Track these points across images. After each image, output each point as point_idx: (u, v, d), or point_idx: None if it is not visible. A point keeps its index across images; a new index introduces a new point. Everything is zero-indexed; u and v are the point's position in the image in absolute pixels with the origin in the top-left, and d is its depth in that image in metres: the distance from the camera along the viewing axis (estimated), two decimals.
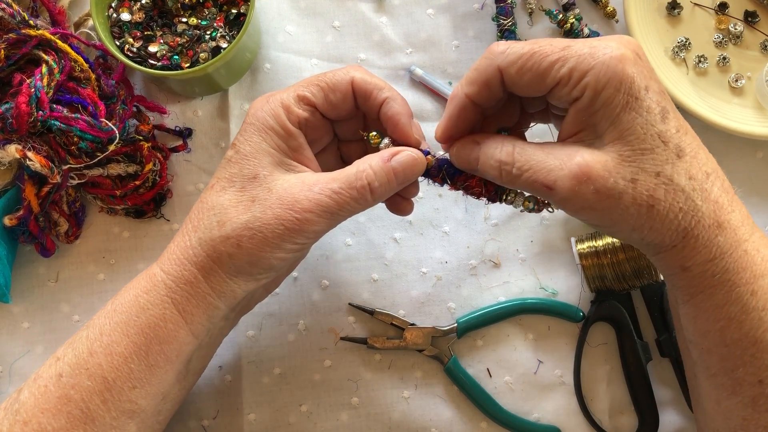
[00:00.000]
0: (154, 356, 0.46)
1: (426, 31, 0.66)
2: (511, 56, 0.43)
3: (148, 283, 0.47)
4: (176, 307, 0.46)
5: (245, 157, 0.47)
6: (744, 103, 0.62)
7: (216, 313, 0.48)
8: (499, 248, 0.63)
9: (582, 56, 0.41)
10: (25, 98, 0.55)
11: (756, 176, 0.64)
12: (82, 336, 0.47)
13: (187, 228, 0.48)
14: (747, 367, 0.43)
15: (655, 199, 0.41)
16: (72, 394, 0.45)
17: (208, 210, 0.47)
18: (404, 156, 0.47)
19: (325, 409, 0.61)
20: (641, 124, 0.41)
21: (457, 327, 0.60)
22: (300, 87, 0.49)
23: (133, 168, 0.60)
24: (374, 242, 0.63)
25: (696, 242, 0.42)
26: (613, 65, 0.41)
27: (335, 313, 0.62)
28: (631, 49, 0.42)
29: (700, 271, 0.43)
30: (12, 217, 0.58)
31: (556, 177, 0.42)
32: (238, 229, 0.45)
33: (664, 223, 0.42)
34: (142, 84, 0.65)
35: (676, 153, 0.41)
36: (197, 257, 0.46)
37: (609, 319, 0.61)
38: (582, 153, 0.42)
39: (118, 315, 0.47)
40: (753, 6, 0.64)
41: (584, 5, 0.66)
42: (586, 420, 0.60)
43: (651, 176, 0.41)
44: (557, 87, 0.42)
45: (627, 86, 0.41)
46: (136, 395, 0.46)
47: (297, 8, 0.66)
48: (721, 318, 0.43)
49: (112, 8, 0.60)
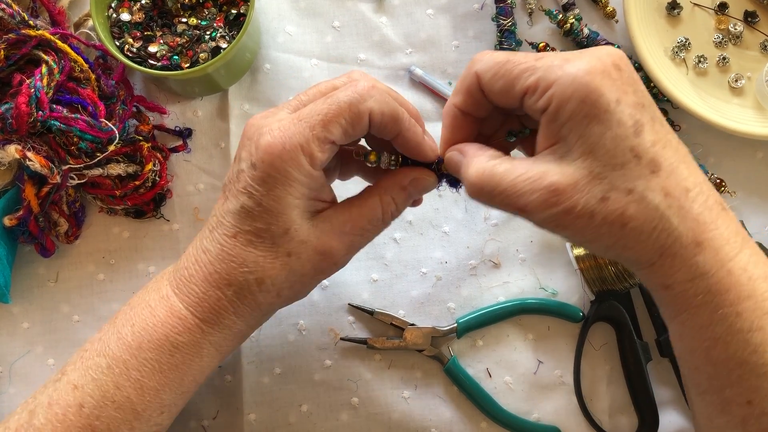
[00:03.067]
0: (187, 386, 0.48)
1: (426, 31, 0.66)
2: (489, 63, 0.43)
3: (180, 325, 0.47)
4: (213, 346, 0.48)
5: (271, 212, 0.45)
6: (744, 103, 0.62)
7: (244, 340, 0.51)
8: (499, 248, 0.63)
9: (550, 67, 0.41)
10: (24, 98, 0.55)
11: (756, 176, 0.64)
12: (101, 365, 0.46)
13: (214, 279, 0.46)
14: (735, 388, 0.42)
15: (627, 217, 0.40)
16: (97, 425, 0.45)
17: (239, 266, 0.46)
18: (421, 183, 0.48)
19: (325, 409, 0.61)
20: (611, 137, 0.39)
21: (457, 327, 0.60)
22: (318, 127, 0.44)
23: (133, 168, 0.60)
24: (374, 242, 0.62)
25: (674, 261, 0.41)
26: (579, 77, 0.39)
27: (335, 313, 0.62)
28: (608, 61, 0.40)
29: (682, 290, 0.42)
30: (12, 217, 0.58)
31: (527, 201, 0.41)
32: (278, 285, 0.46)
33: (638, 241, 0.40)
34: (142, 84, 0.65)
35: (650, 168, 0.40)
36: (236, 307, 0.47)
37: (609, 319, 0.61)
38: (552, 173, 0.40)
39: (146, 352, 0.46)
40: (753, 6, 0.64)
41: (584, 5, 0.66)
42: (586, 420, 0.60)
43: (622, 194, 0.39)
44: (526, 96, 0.42)
45: (593, 99, 0.39)
46: (163, 419, 0.48)
47: (297, 8, 0.66)
48: (706, 338, 0.42)
49: (112, 8, 0.60)
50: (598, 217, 0.40)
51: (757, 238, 0.62)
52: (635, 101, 0.40)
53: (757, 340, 0.41)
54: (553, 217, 0.40)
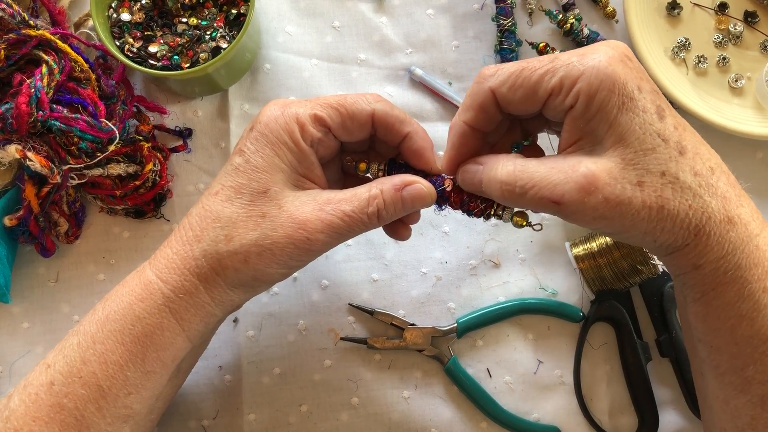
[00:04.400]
0: (150, 363, 0.46)
1: (426, 32, 0.66)
2: (502, 76, 0.43)
3: (143, 291, 0.46)
4: (174, 316, 0.46)
5: (256, 169, 0.46)
6: (744, 103, 0.62)
7: (212, 320, 0.48)
8: (499, 248, 0.63)
9: (571, 64, 0.41)
10: (25, 98, 0.55)
11: (756, 176, 0.64)
12: (72, 343, 0.46)
13: (188, 236, 0.46)
14: (757, 365, 0.43)
15: (664, 198, 0.40)
16: (65, 402, 0.45)
17: (213, 221, 0.46)
18: (416, 189, 0.47)
19: (325, 409, 0.61)
20: (639, 124, 0.40)
21: (457, 327, 0.60)
22: (318, 106, 0.48)
23: (133, 168, 0.60)
24: (374, 242, 0.63)
25: (708, 239, 0.42)
26: (603, 68, 0.40)
27: (335, 313, 0.62)
28: (619, 52, 0.41)
29: (713, 268, 0.42)
30: (12, 217, 0.58)
31: (562, 191, 0.41)
32: (246, 245, 0.45)
33: (675, 222, 0.41)
34: (142, 84, 0.65)
35: (678, 150, 0.41)
36: (200, 269, 0.46)
37: (609, 319, 0.61)
38: (585, 162, 0.41)
39: (111, 323, 0.46)
40: (753, 6, 0.64)
41: (584, 5, 0.66)
42: (586, 420, 0.60)
43: (657, 176, 0.40)
44: (550, 98, 0.42)
45: (620, 87, 0.40)
46: (132, 401, 0.46)
47: (297, 8, 0.66)
48: (732, 315, 0.43)
49: (112, 8, 0.60)
50: (636, 202, 0.40)
51: None
52: (651, 88, 0.42)
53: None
54: (591, 207, 0.40)
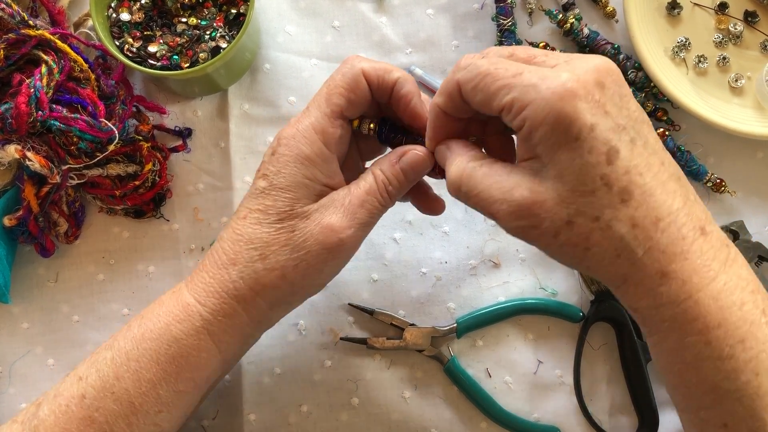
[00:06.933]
0: (184, 383, 0.47)
1: (426, 31, 0.66)
2: (469, 73, 0.42)
3: (182, 313, 0.47)
4: (212, 338, 0.47)
5: (280, 189, 0.47)
6: (744, 103, 0.62)
7: (251, 341, 0.50)
8: (499, 248, 0.63)
9: (526, 87, 0.39)
10: (24, 98, 0.55)
11: (756, 176, 0.64)
12: (106, 358, 0.47)
13: (222, 260, 0.47)
14: (710, 411, 0.42)
15: (591, 242, 0.40)
16: (96, 416, 0.45)
17: (246, 243, 0.46)
18: (411, 156, 0.48)
19: (325, 409, 0.61)
20: (580, 165, 0.38)
21: (457, 327, 0.60)
22: (325, 103, 0.48)
23: (132, 168, 0.60)
24: (374, 242, 0.63)
25: (636, 289, 0.41)
26: (552, 102, 0.38)
27: (335, 313, 0.62)
28: (590, 79, 0.38)
29: (648, 314, 0.42)
30: (12, 217, 0.58)
31: (497, 209, 0.41)
32: (282, 261, 0.46)
33: (600, 265, 0.40)
34: (142, 84, 0.65)
35: (620, 197, 0.39)
36: (238, 290, 0.46)
37: (609, 319, 0.61)
38: (524, 187, 0.40)
39: (147, 342, 0.46)
40: (753, 6, 0.64)
41: (584, 5, 0.66)
42: (586, 420, 0.60)
43: (588, 220, 0.39)
44: (502, 113, 0.41)
45: (564, 126, 0.38)
46: (161, 419, 0.47)
47: (297, 8, 0.66)
48: (677, 362, 0.42)
49: (112, 8, 0.60)
50: (562, 238, 0.40)
51: (757, 238, 0.62)
52: (614, 125, 0.39)
53: (728, 368, 0.40)
54: (520, 229, 0.41)
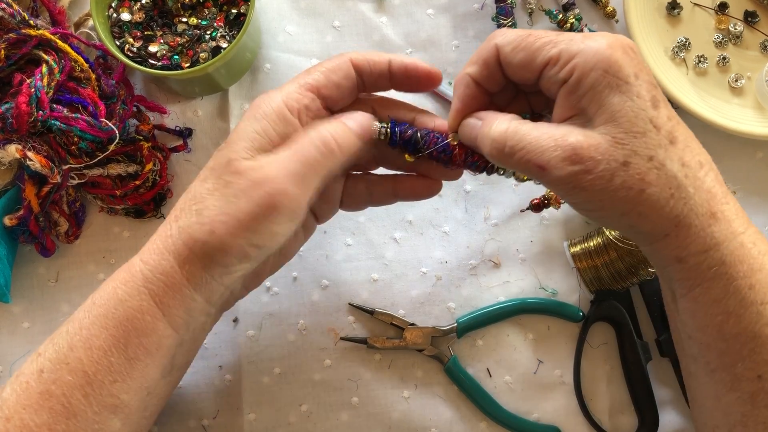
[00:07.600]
0: (133, 349, 0.46)
1: (426, 31, 0.66)
2: (509, 36, 0.45)
3: (127, 274, 0.46)
4: (153, 298, 0.46)
5: (227, 144, 0.46)
6: (744, 103, 0.62)
7: (194, 306, 0.47)
8: (499, 248, 0.63)
9: (573, 41, 0.42)
10: (25, 98, 0.55)
11: (756, 176, 0.64)
12: (62, 331, 0.47)
13: (170, 218, 0.47)
14: (746, 362, 0.43)
15: (646, 182, 0.41)
16: (53, 390, 0.45)
17: (190, 200, 0.46)
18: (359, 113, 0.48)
19: (325, 409, 0.61)
20: (631, 107, 0.41)
21: (457, 327, 0.60)
22: (302, 77, 0.48)
23: (133, 168, 0.60)
24: (374, 242, 0.63)
25: (689, 231, 0.42)
26: (602, 50, 0.41)
27: (335, 313, 0.62)
28: (622, 41, 0.42)
29: (696, 262, 0.42)
30: (12, 217, 0.58)
31: (549, 157, 0.41)
32: (212, 214, 0.44)
33: (654, 208, 0.41)
34: (142, 84, 0.65)
35: (668, 139, 0.41)
36: (175, 245, 0.45)
37: (609, 319, 0.61)
38: (576, 134, 0.41)
39: (97, 308, 0.46)
40: (753, 6, 0.64)
41: (584, 5, 0.66)
42: (586, 420, 0.60)
43: (643, 160, 0.41)
44: (547, 68, 0.43)
45: (615, 70, 0.41)
46: (118, 389, 0.46)
47: (297, 8, 0.66)
48: (719, 312, 0.43)
49: (112, 8, 0.60)
50: (617, 180, 0.40)
51: None
52: (649, 79, 0.42)
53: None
54: (573, 175, 0.41)
